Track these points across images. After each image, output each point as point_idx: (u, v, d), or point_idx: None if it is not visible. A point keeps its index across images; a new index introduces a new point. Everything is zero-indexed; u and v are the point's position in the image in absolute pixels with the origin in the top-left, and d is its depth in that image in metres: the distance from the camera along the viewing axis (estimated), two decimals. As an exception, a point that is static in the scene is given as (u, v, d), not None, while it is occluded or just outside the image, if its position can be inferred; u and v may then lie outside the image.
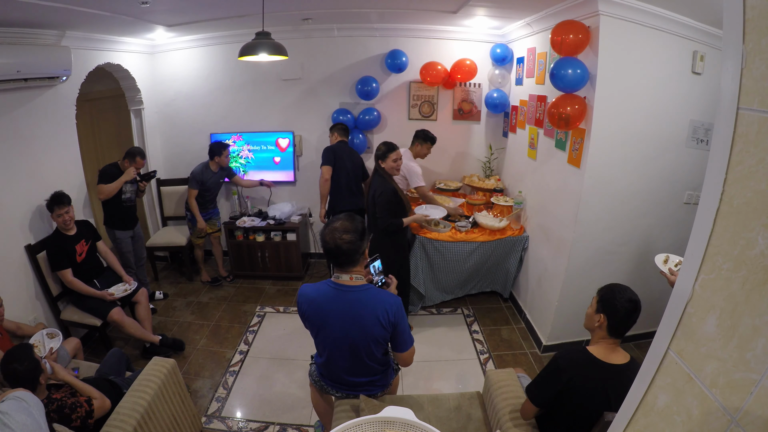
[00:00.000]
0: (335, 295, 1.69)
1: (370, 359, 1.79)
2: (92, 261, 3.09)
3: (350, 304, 1.68)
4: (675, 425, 0.81)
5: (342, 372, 1.85)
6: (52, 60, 2.88)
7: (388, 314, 1.67)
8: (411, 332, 1.80)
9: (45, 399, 1.83)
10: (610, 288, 1.65)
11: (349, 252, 1.64)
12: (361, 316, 1.67)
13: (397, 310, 1.69)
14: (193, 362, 3.10)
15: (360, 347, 1.73)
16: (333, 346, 1.77)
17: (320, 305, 1.71)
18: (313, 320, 1.75)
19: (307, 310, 1.75)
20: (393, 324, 1.69)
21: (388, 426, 1.16)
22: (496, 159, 4.37)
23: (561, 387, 1.56)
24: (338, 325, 1.70)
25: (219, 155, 3.85)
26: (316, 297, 1.72)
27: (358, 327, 1.68)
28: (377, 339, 1.71)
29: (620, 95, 2.52)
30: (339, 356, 1.79)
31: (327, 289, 1.72)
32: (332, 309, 1.69)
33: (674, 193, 2.82)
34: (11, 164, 2.75)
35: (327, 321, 1.72)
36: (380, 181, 3.03)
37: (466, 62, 3.92)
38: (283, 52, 2.65)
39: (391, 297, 1.72)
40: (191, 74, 4.27)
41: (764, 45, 0.64)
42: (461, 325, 3.55)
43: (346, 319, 1.68)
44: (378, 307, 1.67)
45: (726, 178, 0.72)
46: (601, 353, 1.58)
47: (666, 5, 2.33)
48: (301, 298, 1.76)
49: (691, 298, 0.80)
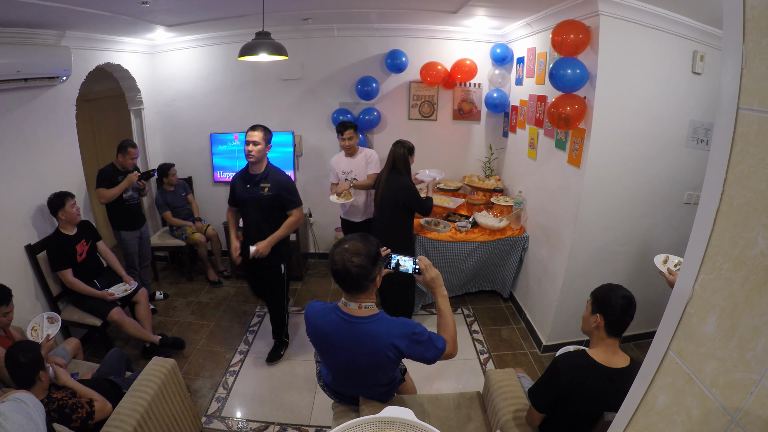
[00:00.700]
0: (342, 326, 1.56)
1: (379, 384, 1.75)
2: (92, 261, 3.09)
3: (358, 337, 1.54)
4: (675, 425, 0.81)
5: (350, 391, 1.84)
6: (52, 60, 2.88)
7: (398, 348, 1.52)
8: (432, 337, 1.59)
9: (45, 398, 1.83)
10: (603, 287, 1.66)
11: (358, 277, 1.47)
12: (370, 351, 1.54)
13: (408, 334, 1.53)
14: (193, 362, 3.10)
15: (367, 375, 1.67)
16: (339, 371, 1.73)
17: (326, 334, 1.60)
18: (319, 345, 1.69)
19: (312, 335, 1.67)
20: (405, 354, 1.54)
21: (388, 426, 1.16)
22: (496, 159, 4.37)
23: (561, 391, 1.55)
24: (344, 355, 1.61)
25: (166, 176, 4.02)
26: (322, 325, 1.60)
27: (366, 357, 1.57)
28: (386, 368, 1.63)
29: (620, 95, 2.52)
30: (347, 380, 1.76)
31: (334, 318, 1.58)
32: (339, 340, 1.58)
33: (674, 193, 2.82)
34: (11, 164, 2.74)
35: (332, 350, 1.64)
36: (398, 177, 3.05)
37: (466, 62, 3.92)
38: (283, 52, 2.65)
39: (404, 326, 1.55)
40: (191, 74, 4.27)
41: (764, 45, 0.64)
42: (461, 325, 3.55)
43: (354, 351, 1.57)
44: (387, 341, 1.52)
45: (726, 178, 0.72)
46: (602, 357, 1.57)
47: (666, 5, 2.33)
48: (307, 321, 1.67)
49: (691, 298, 0.80)
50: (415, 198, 3.03)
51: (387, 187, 3.06)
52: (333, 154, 4.42)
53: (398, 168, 3.06)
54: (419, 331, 1.54)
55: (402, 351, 1.52)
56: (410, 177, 3.12)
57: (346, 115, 4.14)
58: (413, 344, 1.53)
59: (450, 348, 1.61)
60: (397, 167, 3.06)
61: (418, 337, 1.53)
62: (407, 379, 2.11)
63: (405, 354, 1.53)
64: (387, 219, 3.09)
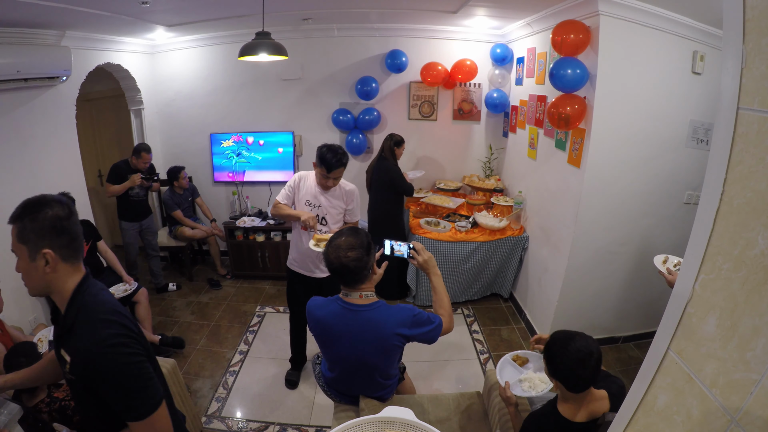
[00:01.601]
0: (345, 316, 1.59)
1: (382, 377, 1.75)
2: (92, 261, 3.09)
3: (362, 324, 1.58)
4: (675, 425, 0.81)
5: (353, 389, 1.83)
6: (52, 60, 2.88)
7: (402, 326, 1.57)
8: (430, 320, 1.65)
9: (47, 397, 1.83)
10: (554, 339, 1.42)
11: (356, 270, 1.53)
12: (374, 337, 1.58)
13: (410, 317, 1.59)
14: (193, 362, 3.10)
15: (372, 367, 1.67)
16: (343, 362, 1.72)
17: (329, 326, 1.62)
18: (322, 338, 1.69)
19: (315, 328, 1.67)
20: (409, 338, 1.60)
21: (388, 426, 1.16)
22: (496, 159, 4.37)
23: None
24: (348, 346, 1.62)
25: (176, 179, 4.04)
26: (324, 317, 1.63)
27: (371, 347, 1.60)
28: (396, 348, 1.63)
29: (620, 95, 2.52)
30: (350, 376, 1.75)
31: (336, 309, 1.61)
32: (342, 330, 1.60)
33: (674, 193, 2.82)
34: (11, 164, 2.74)
35: (336, 342, 1.64)
36: (385, 162, 3.53)
37: (467, 62, 3.92)
38: (283, 52, 2.65)
39: (403, 310, 1.60)
40: (191, 74, 4.27)
41: (764, 45, 0.64)
42: (461, 325, 3.55)
43: (358, 340, 1.59)
44: (391, 329, 1.57)
45: (726, 178, 0.72)
46: (571, 411, 1.41)
47: (666, 5, 2.33)
48: (309, 315, 1.68)
49: (691, 298, 0.80)
50: (398, 177, 3.49)
51: (377, 169, 3.54)
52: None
53: (386, 156, 3.55)
54: (417, 312, 1.62)
55: (407, 336, 1.59)
56: (396, 163, 3.58)
57: (347, 115, 4.14)
58: (416, 326, 1.60)
59: (447, 322, 1.69)
60: (384, 155, 3.55)
61: (418, 318, 1.61)
62: (406, 377, 2.11)
63: (410, 337, 1.60)
64: (378, 200, 3.56)
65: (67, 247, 1.13)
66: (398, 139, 3.59)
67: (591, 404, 1.41)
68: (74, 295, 1.15)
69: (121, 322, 1.13)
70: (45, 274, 1.11)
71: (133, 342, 1.12)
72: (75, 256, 1.16)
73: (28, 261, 1.10)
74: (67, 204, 1.14)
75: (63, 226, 1.11)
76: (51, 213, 1.10)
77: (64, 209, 1.13)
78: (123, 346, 1.09)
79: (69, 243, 1.13)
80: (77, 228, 1.16)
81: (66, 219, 1.11)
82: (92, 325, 1.09)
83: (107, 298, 1.20)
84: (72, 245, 1.14)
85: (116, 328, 1.11)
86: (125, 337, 1.10)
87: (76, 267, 1.17)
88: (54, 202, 1.12)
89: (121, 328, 1.12)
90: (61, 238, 1.11)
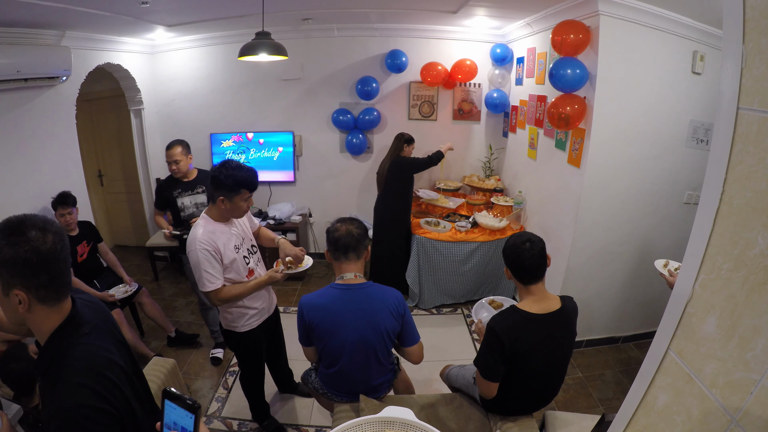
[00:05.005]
0: (344, 296, 1.71)
1: (384, 358, 1.81)
2: (92, 262, 3.10)
3: (360, 301, 1.71)
4: (675, 425, 0.81)
5: (356, 377, 1.82)
6: (52, 60, 2.88)
7: (397, 306, 1.74)
8: None
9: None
10: (509, 239, 1.70)
11: (360, 238, 1.74)
12: (373, 312, 1.71)
13: (403, 301, 1.78)
14: (193, 362, 3.10)
15: (374, 346, 1.74)
16: (346, 350, 1.74)
17: (329, 310, 1.71)
18: (323, 327, 1.72)
19: (314, 318, 1.72)
20: (402, 315, 1.76)
21: (388, 426, 1.16)
22: (496, 159, 4.37)
23: (507, 353, 1.58)
24: (351, 326, 1.70)
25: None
26: (323, 303, 1.73)
27: (371, 324, 1.70)
28: (390, 333, 1.74)
29: (620, 95, 2.52)
30: (352, 361, 1.76)
31: (333, 293, 1.73)
32: (343, 310, 1.70)
33: (674, 193, 2.82)
34: (11, 164, 2.74)
35: (339, 325, 1.71)
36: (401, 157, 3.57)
37: (466, 62, 3.92)
38: (283, 52, 2.65)
39: (394, 290, 1.79)
40: (191, 74, 4.27)
41: (764, 45, 0.64)
42: (461, 325, 3.54)
43: (359, 317, 1.70)
44: (388, 300, 1.73)
45: (726, 178, 0.72)
46: (533, 307, 1.62)
47: (666, 5, 2.33)
48: (304, 308, 1.73)
49: (691, 298, 0.80)
50: (416, 160, 3.55)
51: (392, 163, 3.55)
52: (333, 154, 4.46)
53: (398, 153, 3.60)
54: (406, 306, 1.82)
55: (400, 311, 1.76)
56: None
57: (346, 115, 4.14)
58: (406, 307, 1.80)
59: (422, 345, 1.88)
60: (397, 153, 3.60)
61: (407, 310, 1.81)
62: (401, 370, 2.12)
63: (401, 312, 1.76)
64: (388, 190, 3.58)
65: (45, 288, 0.94)
66: (408, 138, 3.63)
67: (543, 302, 1.64)
68: (51, 340, 0.98)
69: (92, 387, 0.96)
70: (19, 313, 0.94)
71: (96, 413, 0.96)
72: (55, 297, 0.97)
73: (1, 294, 0.93)
74: (54, 232, 0.94)
75: (42, 261, 0.91)
76: (28, 246, 0.89)
77: (48, 240, 0.92)
78: (85, 418, 0.94)
79: (48, 282, 0.94)
80: (61, 264, 0.95)
81: (48, 252, 0.91)
82: (61, 386, 0.95)
83: (86, 351, 1.00)
84: (51, 285, 0.95)
85: (84, 395, 0.95)
86: (90, 408, 0.95)
87: (55, 309, 0.98)
88: (37, 229, 0.91)
89: (90, 396, 0.96)
90: (39, 277, 0.92)
